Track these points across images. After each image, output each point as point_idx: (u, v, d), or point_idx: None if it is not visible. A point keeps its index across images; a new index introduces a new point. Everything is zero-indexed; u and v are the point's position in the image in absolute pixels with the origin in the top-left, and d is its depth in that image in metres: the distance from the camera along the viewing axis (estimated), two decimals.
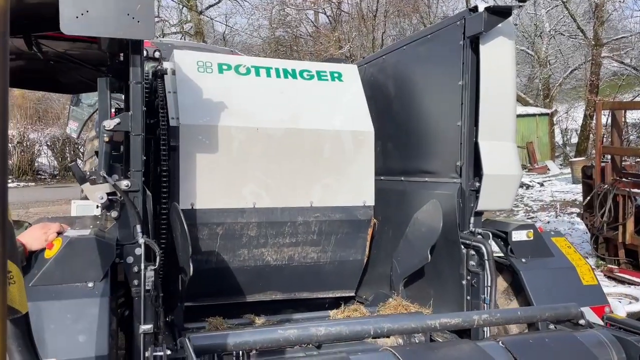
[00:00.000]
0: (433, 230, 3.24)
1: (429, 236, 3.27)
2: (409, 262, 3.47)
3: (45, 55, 4.08)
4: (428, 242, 3.27)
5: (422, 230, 3.38)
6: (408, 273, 3.49)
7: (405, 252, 3.54)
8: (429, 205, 3.37)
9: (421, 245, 3.33)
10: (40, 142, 24.08)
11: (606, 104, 8.31)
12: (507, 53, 3.18)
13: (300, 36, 27.84)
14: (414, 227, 3.49)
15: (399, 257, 3.59)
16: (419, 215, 3.46)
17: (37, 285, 2.25)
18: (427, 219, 3.36)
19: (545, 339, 2.11)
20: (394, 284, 3.61)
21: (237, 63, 3.75)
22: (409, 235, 3.52)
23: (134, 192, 2.56)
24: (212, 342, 1.86)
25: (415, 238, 3.45)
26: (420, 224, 3.43)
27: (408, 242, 3.51)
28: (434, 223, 3.24)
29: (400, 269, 3.55)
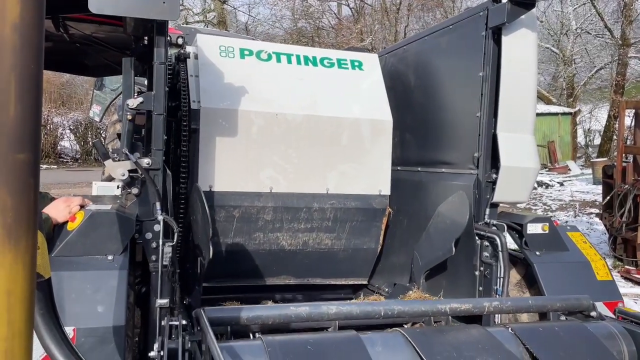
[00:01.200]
0: (458, 223, 3.14)
1: (454, 228, 3.17)
2: (432, 255, 3.38)
3: (71, 38, 4.17)
4: (453, 235, 3.16)
5: (446, 222, 3.29)
6: (430, 266, 3.40)
7: (427, 245, 3.45)
8: (455, 197, 3.27)
9: (445, 238, 3.23)
10: (64, 126, 24.50)
11: (630, 103, 8.18)
12: (530, 45, 3.16)
13: (322, 28, 27.81)
14: (438, 218, 3.38)
15: (421, 249, 3.49)
16: (444, 207, 3.36)
17: (59, 255, 2.32)
18: (452, 211, 3.26)
19: (555, 328, 2.12)
20: (415, 277, 3.54)
21: (258, 49, 3.78)
22: (432, 227, 3.42)
23: (155, 170, 2.62)
24: (226, 315, 1.91)
25: (439, 230, 3.35)
26: (444, 216, 3.34)
27: (431, 234, 3.42)
28: (459, 215, 3.15)
29: (422, 262, 3.46)
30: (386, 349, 1.83)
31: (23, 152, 0.77)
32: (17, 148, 0.77)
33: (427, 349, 1.80)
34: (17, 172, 0.77)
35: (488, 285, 3.05)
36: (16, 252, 0.77)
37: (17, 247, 0.77)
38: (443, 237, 3.27)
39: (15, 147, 0.77)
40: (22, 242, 0.78)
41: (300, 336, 1.89)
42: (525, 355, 1.95)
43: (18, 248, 0.78)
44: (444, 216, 3.36)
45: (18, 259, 0.78)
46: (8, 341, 0.77)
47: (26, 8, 0.75)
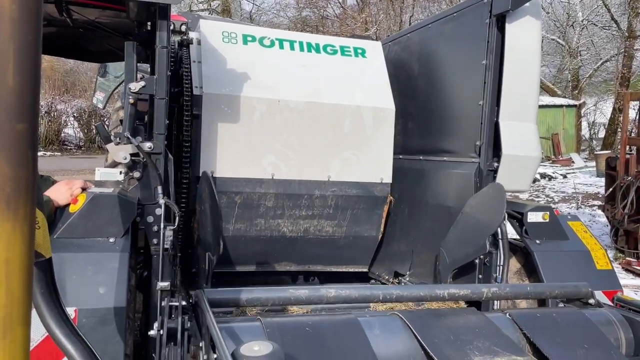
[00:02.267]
0: (494, 217, 2.88)
1: (488, 223, 2.92)
2: (462, 252, 3.13)
3: (75, 23, 4.16)
4: (487, 230, 2.92)
5: (479, 216, 3.04)
6: (459, 264, 3.16)
7: (456, 241, 3.21)
8: (490, 189, 3.04)
9: (478, 234, 2.98)
10: (67, 114, 24.52)
11: (635, 95, 8.15)
12: (533, 33, 3.15)
13: (326, 17, 27.68)
14: (469, 212, 3.14)
15: (449, 246, 3.25)
16: (476, 199, 3.12)
17: (60, 237, 2.34)
18: (486, 204, 3.01)
19: (553, 314, 2.13)
20: (442, 276, 3.33)
21: (261, 35, 3.78)
22: (462, 222, 3.17)
23: (157, 154, 2.63)
24: (225, 296, 1.92)
25: (470, 225, 3.09)
26: (477, 210, 3.08)
27: (461, 230, 3.18)
28: (495, 208, 2.89)
29: (450, 259, 3.21)
30: (384, 331, 1.84)
31: (22, 122, 0.78)
32: (15, 118, 0.78)
33: (424, 331, 1.82)
34: (16, 143, 0.78)
35: (488, 273, 3.06)
36: (14, 221, 0.78)
37: (16, 216, 0.78)
38: (475, 233, 3.02)
39: (14, 118, 0.78)
40: (20, 211, 0.79)
41: (298, 318, 1.90)
42: (522, 340, 1.97)
43: (16, 217, 0.79)
44: (475, 210, 3.09)
45: (16, 228, 0.79)
46: (7, 308, 0.79)
47: None
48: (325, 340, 1.73)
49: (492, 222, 2.90)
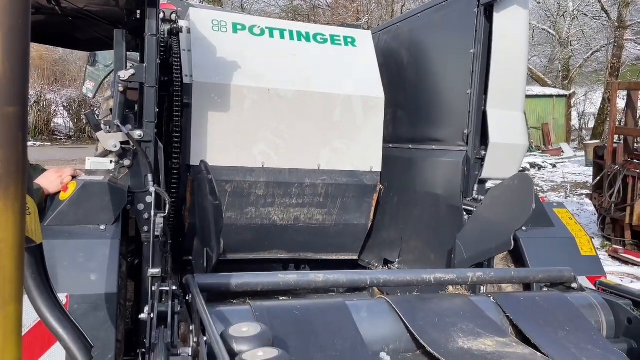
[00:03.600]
0: (521, 211, 2.65)
1: (514, 217, 2.69)
2: (482, 247, 2.89)
3: (64, 11, 4.14)
4: (512, 225, 2.69)
5: (502, 210, 2.82)
6: (479, 260, 2.94)
7: (476, 235, 2.99)
8: (515, 180, 2.81)
9: (501, 229, 2.76)
10: (57, 103, 24.33)
11: (623, 84, 8.22)
12: (521, 22, 3.17)
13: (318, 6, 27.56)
14: (490, 205, 2.92)
15: (466, 239, 3.04)
16: (499, 191, 2.90)
17: (51, 225, 2.35)
18: (511, 196, 2.78)
19: (536, 298, 2.18)
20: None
21: (251, 23, 3.78)
22: (482, 214, 2.96)
23: (147, 142, 2.64)
24: (215, 281, 1.95)
25: (492, 219, 2.88)
26: (500, 202, 2.86)
27: (481, 223, 2.96)
28: (522, 201, 2.66)
29: (468, 253, 2.98)
30: (371, 315, 1.88)
31: (12, 105, 0.80)
32: (6, 102, 0.80)
33: (410, 315, 1.86)
34: (6, 125, 0.80)
35: None
36: (6, 201, 0.81)
37: (7, 195, 0.81)
38: (497, 227, 2.79)
39: (4, 101, 0.80)
40: (11, 191, 0.81)
41: (287, 302, 1.94)
42: (505, 322, 2.02)
43: (7, 197, 0.81)
44: (498, 202, 2.88)
45: (8, 207, 0.81)
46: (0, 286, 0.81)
47: None
48: (313, 323, 1.76)
49: (518, 217, 2.66)
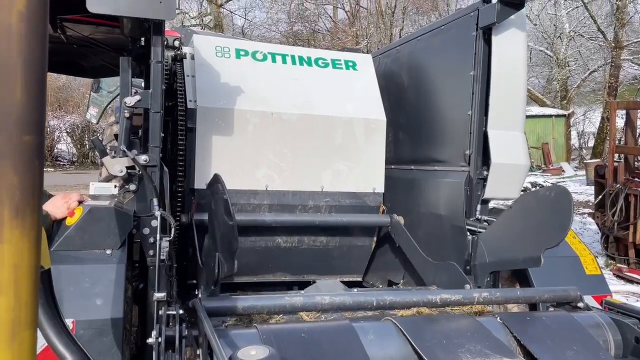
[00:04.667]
0: (556, 230, 2.44)
1: (547, 234, 2.49)
2: (507, 256, 2.75)
3: (69, 39, 4.21)
4: (544, 242, 2.48)
5: (535, 221, 2.60)
6: (502, 268, 2.81)
7: (502, 240, 2.81)
8: (553, 192, 2.55)
9: (532, 242, 2.56)
10: (60, 129, 24.50)
11: (621, 104, 8.29)
12: (519, 44, 3.22)
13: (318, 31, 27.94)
14: (521, 211, 2.71)
15: (490, 242, 2.87)
16: (534, 199, 2.67)
17: (58, 250, 2.36)
18: (547, 210, 2.53)
19: (543, 318, 2.17)
20: (478, 274, 2.95)
21: (254, 49, 3.84)
22: (511, 219, 2.76)
23: (152, 167, 2.66)
24: (222, 305, 1.96)
25: (522, 227, 2.68)
26: (533, 211, 2.63)
27: (509, 229, 2.77)
28: (558, 219, 2.42)
29: (491, 258, 2.81)
30: (378, 337, 1.88)
31: (29, 134, 0.82)
32: (23, 130, 0.82)
33: (417, 336, 1.85)
34: (24, 153, 0.82)
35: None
36: (22, 229, 0.82)
37: (24, 223, 0.82)
38: (528, 239, 2.61)
39: (22, 130, 0.82)
40: (27, 219, 0.83)
41: (294, 325, 1.94)
42: (513, 343, 2.01)
43: (24, 225, 0.82)
44: (532, 212, 2.66)
45: (24, 234, 0.83)
46: (15, 311, 0.82)
47: None
48: (320, 345, 1.76)
49: (553, 234, 2.45)
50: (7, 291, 0.82)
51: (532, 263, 2.55)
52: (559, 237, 2.44)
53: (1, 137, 0.80)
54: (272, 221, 3.59)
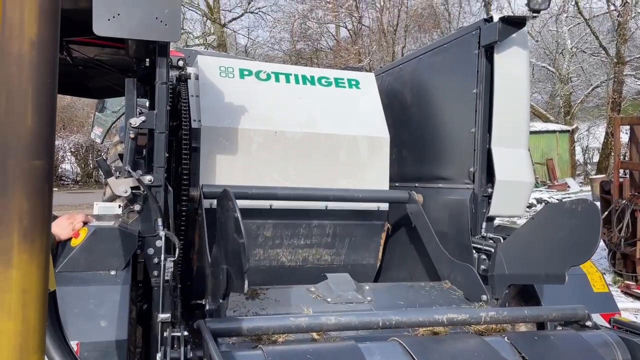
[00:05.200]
0: (582, 249, 2.33)
1: (575, 250, 2.38)
2: (528, 269, 2.64)
3: (74, 61, 4.27)
4: (572, 259, 2.38)
5: (560, 235, 2.48)
6: (521, 282, 2.74)
7: (522, 252, 2.70)
8: (579, 206, 2.39)
9: (556, 258, 2.45)
10: (64, 149, 24.65)
11: (625, 119, 8.29)
12: (521, 62, 3.25)
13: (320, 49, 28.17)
14: (544, 223, 2.59)
15: (509, 252, 2.76)
16: (557, 212, 2.55)
17: (63, 271, 2.37)
18: (574, 224, 2.40)
19: (551, 337, 2.15)
20: (495, 285, 2.84)
21: (258, 69, 3.88)
22: (533, 231, 2.65)
23: (157, 187, 2.68)
24: (227, 326, 1.95)
25: (545, 240, 2.56)
26: (558, 225, 2.50)
27: (530, 240, 2.65)
28: (587, 234, 2.32)
29: (510, 270, 2.69)
30: (384, 357, 1.86)
31: (39, 159, 0.83)
32: (33, 155, 0.83)
33: (424, 357, 1.84)
34: (33, 178, 0.83)
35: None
36: (31, 253, 0.83)
37: (32, 247, 0.83)
38: (553, 255, 2.49)
39: (32, 155, 0.83)
40: (36, 243, 0.83)
41: (299, 346, 1.93)
42: None
43: (33, 249, 0.83)
44: (558, 226, 2.51)
45: (33, 259, 0.83)
46: (23, 336, 0.82)
47: (43, 26, 0.81)
48: None
49: (579, 253, 2.35)
50: (15, 316, 0.82)
51: (555, 280, 2.45)
52: (586, 255, 2.34)
53: (12, 162, 0.81)
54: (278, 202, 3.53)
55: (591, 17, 22.80)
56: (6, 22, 0.79)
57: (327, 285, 3.00)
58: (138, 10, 2.44)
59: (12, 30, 0.79)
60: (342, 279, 3.09)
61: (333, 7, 25.65)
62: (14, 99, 0.81)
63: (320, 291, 3.01)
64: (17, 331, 0.82)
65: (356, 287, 3.06)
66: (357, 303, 2.88)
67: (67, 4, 3.00)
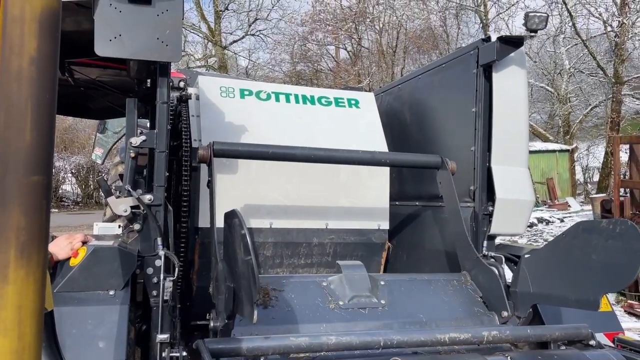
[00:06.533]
0: (623, 272, 2.15)
1: (610, 275, 2.20)
2: (557, 291, 2.47)
3: (76, 82, 4.30)
4: (607, 285, 2.25)
5: (594, 257, 2.30)
6: (547, 303, 2.60)
7: (553, 272, 2.53)
8: (618, 227, 2.21)
9: (589, 283, 2.29)
10: (65, 170, 24.71)
11: (624, 139, 8.32)
12: (519, 81, 3.27)
13: (320, 70, 28.41)
14: (576, 242, 2.41)
15: (536, 269, 2.61)
16: (593, 231, 2.35)
17: (61, 291, 2.34)
18: (610, 247, 2.22)
19: (554, 357, 2.12)
20: (518, 302, 2.68)
21: (258, 89, 3.90)
22: (564, 249, 2.49)
23: (157, 206, 2.67)
24: (226, 346, 1.92)
25: (576, 261, 2.39)
26: (592, 246, 2.32)
27: (560, 259, 2.49)
28: (626, 259, 2.13)
29: (536, 288, 2.55)
30: None
31: (37, 174, 0.83)
32: (31, 171, 0.83)
33: None
34: (31, 194, 0.83)
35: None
36: (28, 269, 0.82)
37: (29, 263, 0.82)
38: (585, 278, 2.32)
39: (30, 170, 0.83)
40: (33, 259, 0.83)
41: None
42: None
43: (30, 264, 0.82)
44: (591, 245, 2.34)
45: (29, 275, 0.82)
46: (19, 353, 0.81)
47: (42, 42, 0.82)
48: None
49: (615, 280, 2.20)
50: (11, 333, 0.81)
51: (587, 306, 2.28)
52: (624, 281, 2.19)
53: (10, 178, 0.81)
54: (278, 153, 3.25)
55: (589, 37, 23.03)
56: (6, 38, 0.80)
57: (340, 282, 2.81)
58: (139, 31, 2.47)
59: (12, 46, 0.80)
60: (356, 273, 2.86)
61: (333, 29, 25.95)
62: (13, 115, 0.81)
63: (332, 288, 2.80)
64: (13, 349, 0.81)
65: (370, 284, 2.83)
66: (371, 308, 2.68)
67: (69, 25, 3.05)
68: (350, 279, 2.79)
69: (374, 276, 2.94)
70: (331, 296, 2.75)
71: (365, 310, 2.67)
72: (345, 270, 2.84)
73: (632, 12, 20.72)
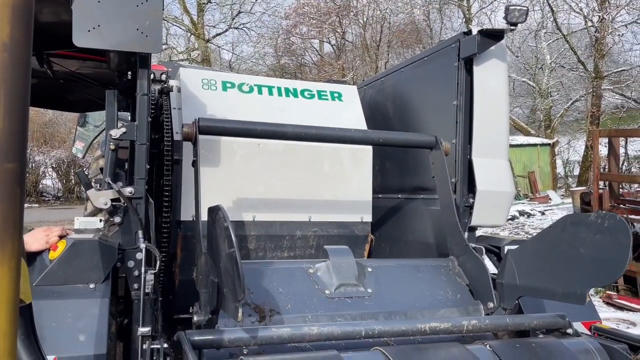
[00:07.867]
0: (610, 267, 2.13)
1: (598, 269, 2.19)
2: (543, 284, 2.46)
3: (55, 74, 4.24)
4: (593, 280, 2.23)
5: (581, 251, 2.28)
6: (535, 295, 2.59)
7: (536, 262, 2.52)
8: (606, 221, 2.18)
9: (575, 276, 2.28)
10: (46, 164, 24.35)
11: (603, 132, 8.45)
12: (500, 74, 3.30)
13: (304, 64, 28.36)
14: (563, 235, 2.39)
15: (522, 261, 2.60)
16: (581, 225, 2.31)
17: (40, 285, 2.32)
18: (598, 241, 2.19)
19: (532, 344, 2.16)
20: (505, 294, 2.66)
21: (240, 81, 3.88)
22: (551, 242, 2.46)
23: (137, 199, 2.65)
24: (207, 337, 1.92)
25: (563, 255, 2.36)
26: (580, 240, 2.30)
27: (547, 252, 2.46)
28: (614, 253, 2.11)
29: (522, 281, 2.54)
30: None
31: (11, 162, 0.82)
32: (5, 158, 0.82)
33: None
34: (5, 181, 0.82)
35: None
36: (2, 257, 0.81)
37: (3, 252, 0.81)
38: (572, 272, 2.31)
39: (4, 157, 0.82)
40: (7, 247, 0.82)
41: (282, 357, 1.91)
42: None
43: (4, 253, 0.82)
44: (579, 239, 2.31)
45: (4, 263, 0.82)
46: None
47: (15, 28, 0.81)
48: None
49: (603, 274, 2.17)
50: None
51: (574, 300, 2.27)
52: (612, 276, 2.16)
53: None
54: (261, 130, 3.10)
55: (569, 32, 23.33)
56: None
57: (327, 269, 2.77)
58: (119, 21, 2.43)
59: None
60: (343, 260, 2.81)
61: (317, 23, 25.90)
62: None
63: (319, 276, 2.76)
64: None
65: (357, 271, 2.79)
66: (357, 298, 2.65)
67: (47, 16, 3.00)
68: (337, 267, 2.74)
69: (361, 262, 2.89)
70: (317, 284, 2.72)
71: (350, 299, 2.65)
72: (332, 257, 2.79)
73: (612, 8, 21.00)
